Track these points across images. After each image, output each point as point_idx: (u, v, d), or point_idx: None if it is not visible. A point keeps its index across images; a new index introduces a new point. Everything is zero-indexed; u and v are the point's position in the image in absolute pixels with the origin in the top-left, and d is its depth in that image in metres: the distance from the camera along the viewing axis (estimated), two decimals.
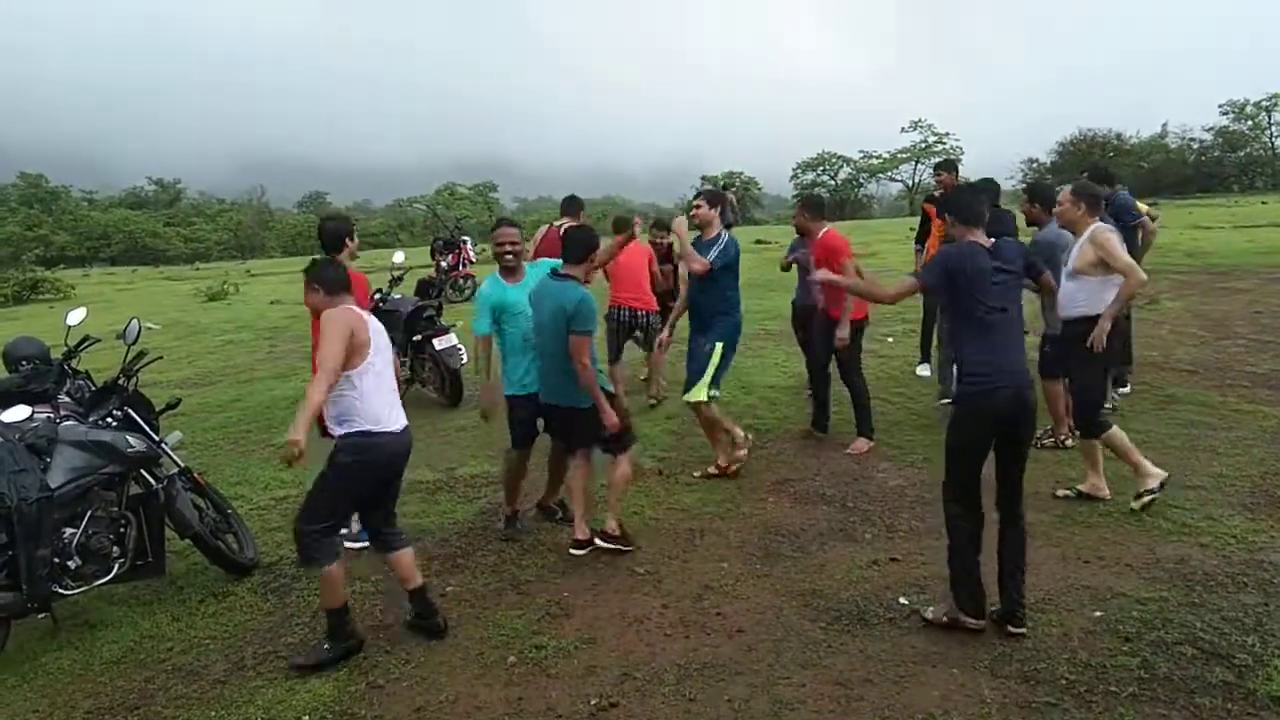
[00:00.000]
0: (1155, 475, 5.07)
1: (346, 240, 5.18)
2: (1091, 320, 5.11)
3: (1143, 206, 7.76)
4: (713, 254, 5.70)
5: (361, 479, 3.99)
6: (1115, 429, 5.17)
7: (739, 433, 6.09)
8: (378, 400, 3.95)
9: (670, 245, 8.51)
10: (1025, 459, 3.87)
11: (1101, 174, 7.29)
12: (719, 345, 5.82)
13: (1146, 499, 5.03)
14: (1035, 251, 5.34)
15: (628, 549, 4.93)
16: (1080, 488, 5.32)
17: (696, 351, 5.88)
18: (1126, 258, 5.08)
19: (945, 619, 3.92)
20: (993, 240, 3.87)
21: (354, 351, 3.87)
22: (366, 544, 5.28)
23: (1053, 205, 5.89)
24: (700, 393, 5.79)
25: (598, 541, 4.96)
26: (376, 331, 4.03)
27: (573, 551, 4.95)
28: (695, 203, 5.99)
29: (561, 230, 7.17)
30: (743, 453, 6.05)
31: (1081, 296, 5.18)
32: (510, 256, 5.16)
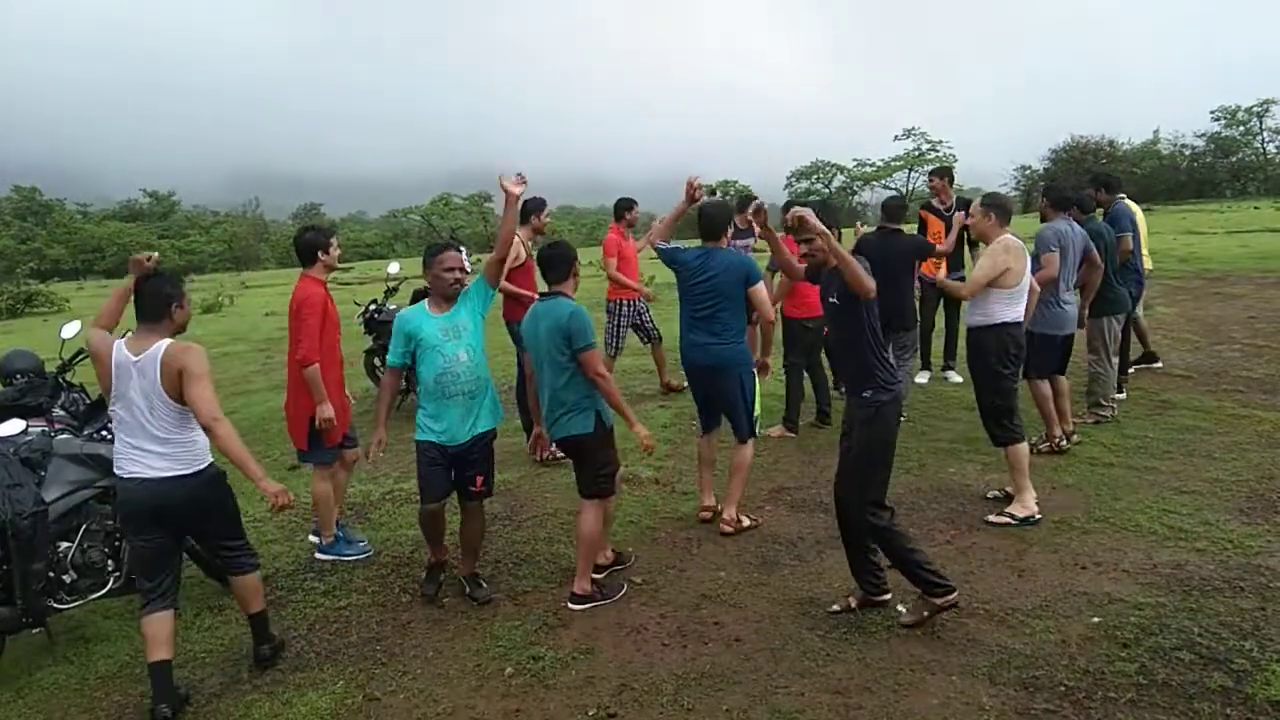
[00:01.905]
0: (1030, 507, 5.10)
1: (320, 254, 5.11)
2: (988, 330, 5.25)
3: (1133, 205, 7.87)
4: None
5: (127, 525, 4.02)
6: (1024, 445, 5.19)
7: (707, 498, 5.47)
8: (118, 446, 3.77)
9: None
10: None
11: (1106, 182, 7.42)
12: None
13: (1004, 520, 5.08)
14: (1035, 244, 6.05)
15: (625, 566, 4.84)
16: (1007, 492, 5.37)
17: None
18: (979, 277, 5.24)
19: (925, 614, 3.97)
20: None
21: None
22: (366, 554, 5.28)
23: (1065, 206, 6.32)
24: None
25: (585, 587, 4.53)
26: (121, 377, 3.72)
27: (572, 606, 4.43)
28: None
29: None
30: (704, 515, 5.43)
31: (981, 304, 5.31)
32: (457, 285, 4.50)
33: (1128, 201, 7.61)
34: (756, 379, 5.29)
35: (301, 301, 4.98)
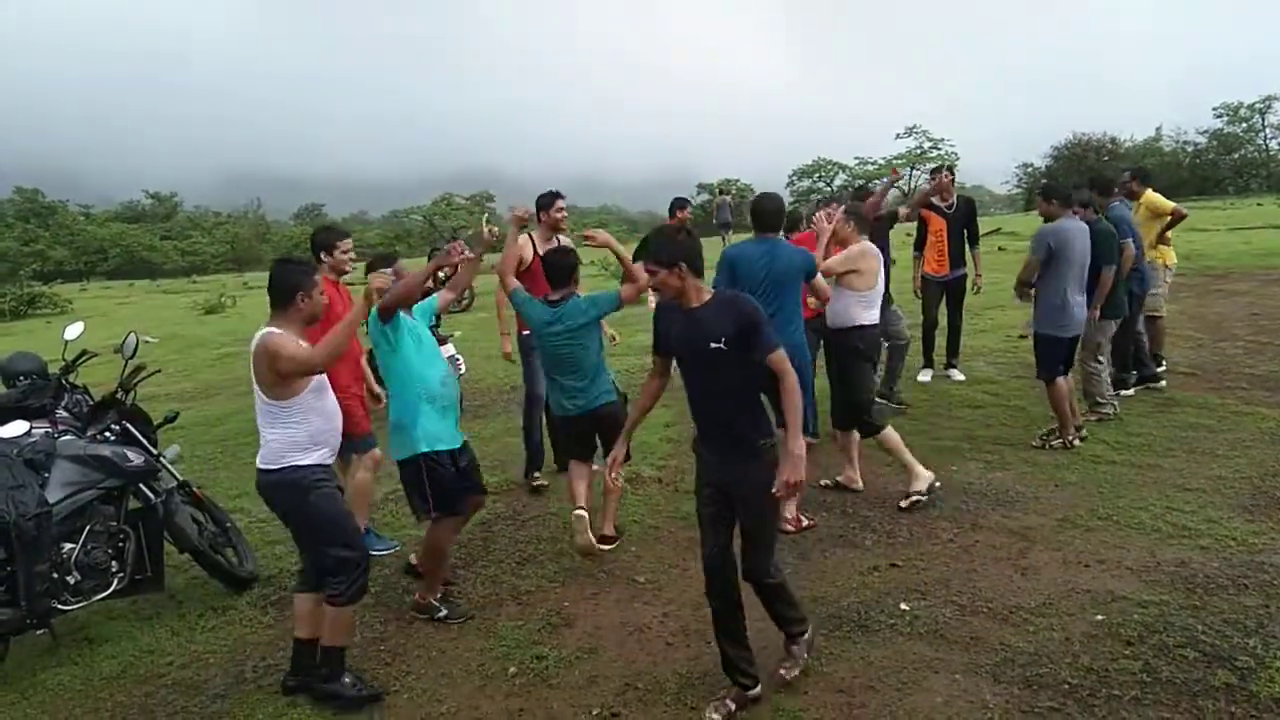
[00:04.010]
0: (924, 478, 5.40)
1: (323, 255, 5.08)
2: (846, 332, 5.46)
3: (1168, 204, 7.96)
4: None
5: None
6: (889, 430, 5.48)
7: None
8: None
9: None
10: None
11: (1101, 184, 7.47)
12: None
13: (914, 498, 5.36)
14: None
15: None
16: (838, 479, 5.76)
17: None
18: (832, 264, 5.39)
19: (808, 655, 3.72)
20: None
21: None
22: (393, 549, 5.31)
23: (1069, 202, 6.38)
24: None
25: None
26: None
27: (604, 549, 5.00)
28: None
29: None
30: None
31: (839, 307, 5.47)
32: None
33: (1155, 195, 7.88)
34: None
35: None
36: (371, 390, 5.46)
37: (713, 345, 3.26)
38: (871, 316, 5.48)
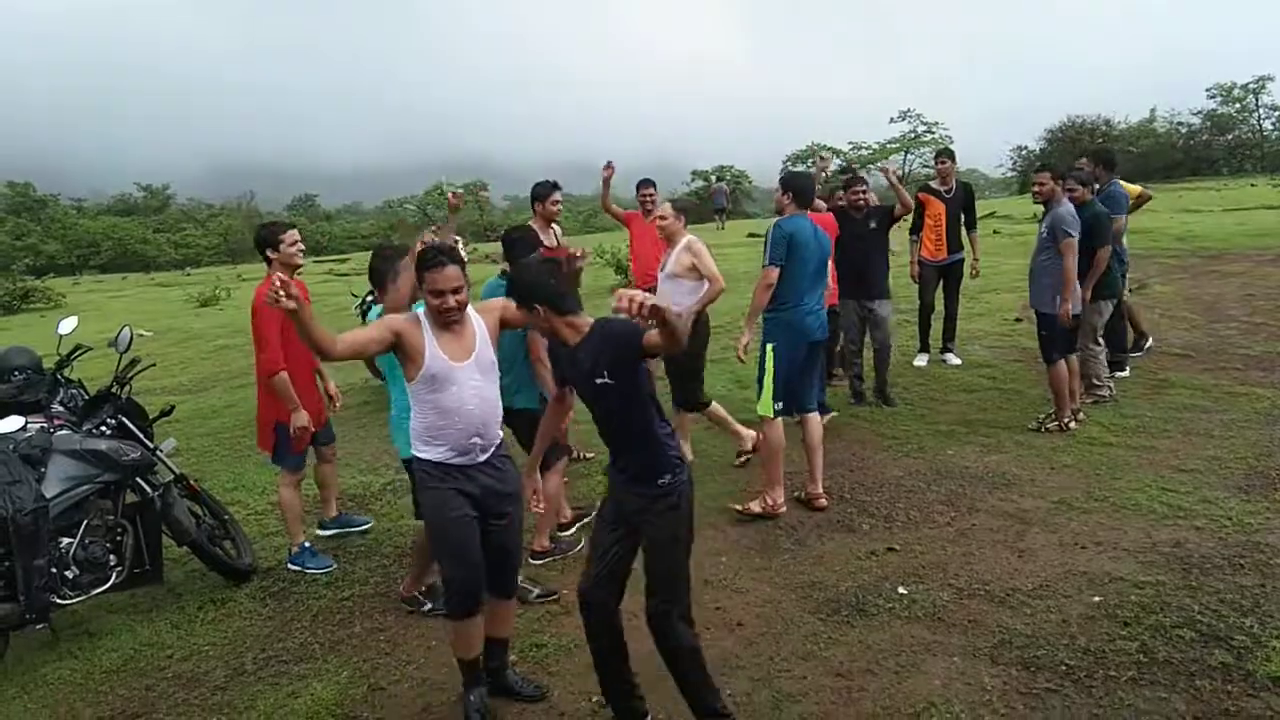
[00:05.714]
0: (748, 437, 6.01)
1: (269, 252, 4.88)
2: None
3: (1134, 188, 7.90)
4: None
5: None
6: (714, 404, 6.03)
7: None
8: None
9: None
10: None
11: (1106, 159, 7.49)
12: (769, 348, 5.19)
13: (745, 458, 6.08)
14: (1050, 225, 6.18)
15: (589, 517, 5.08)
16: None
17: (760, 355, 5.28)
18: (713, 267, 5.60)
19: None
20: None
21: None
22: (327, 569, 5.06)
23: (1082, 182, 6.49)
24: (764, 407, 5.19)
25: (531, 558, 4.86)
26: None
27: (533, 562, 4.83)
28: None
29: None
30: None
31: (677, 297, 5.53)
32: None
33: (1122, 183, 7.67)
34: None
35: (255, 309, 4.78)
36: (326, 391, 5.43)
37: (598, 381, 3.09)
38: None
